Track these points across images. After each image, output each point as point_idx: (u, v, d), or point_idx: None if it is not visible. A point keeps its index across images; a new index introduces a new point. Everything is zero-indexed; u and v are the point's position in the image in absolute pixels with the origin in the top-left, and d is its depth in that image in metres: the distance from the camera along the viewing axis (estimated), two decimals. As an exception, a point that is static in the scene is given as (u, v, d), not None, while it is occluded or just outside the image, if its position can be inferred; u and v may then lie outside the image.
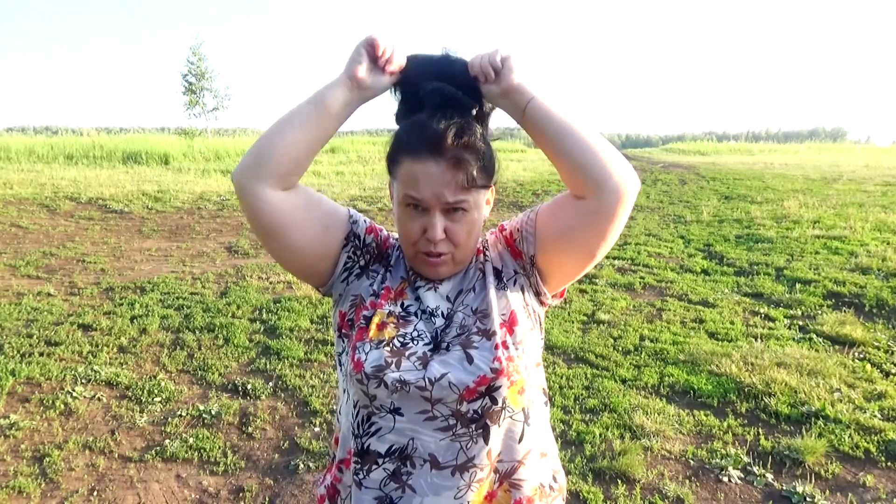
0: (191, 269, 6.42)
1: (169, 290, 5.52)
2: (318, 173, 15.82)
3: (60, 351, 3.98)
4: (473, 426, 0.96)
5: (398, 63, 0.97)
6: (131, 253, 7.27)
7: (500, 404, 0.97)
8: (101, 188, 11.46)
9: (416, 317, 1.03)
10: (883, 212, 9.39)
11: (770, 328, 4.53)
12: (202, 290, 5.52)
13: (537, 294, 1.07)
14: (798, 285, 5.53)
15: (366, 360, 0.97)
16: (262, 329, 4.48)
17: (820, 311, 4.86)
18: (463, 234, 0.99)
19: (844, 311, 4.84)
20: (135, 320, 4.63)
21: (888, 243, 7.11)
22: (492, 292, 1.03)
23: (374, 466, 0.99)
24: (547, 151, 0.96)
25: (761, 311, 4.92)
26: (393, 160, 1.01)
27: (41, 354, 3.93)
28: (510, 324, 1.01)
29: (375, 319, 1.01)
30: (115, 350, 4.07)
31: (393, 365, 0.95)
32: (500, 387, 0.96)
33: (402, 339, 0.99)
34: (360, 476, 1.00)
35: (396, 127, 1.03)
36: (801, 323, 4.65)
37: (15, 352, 3.96)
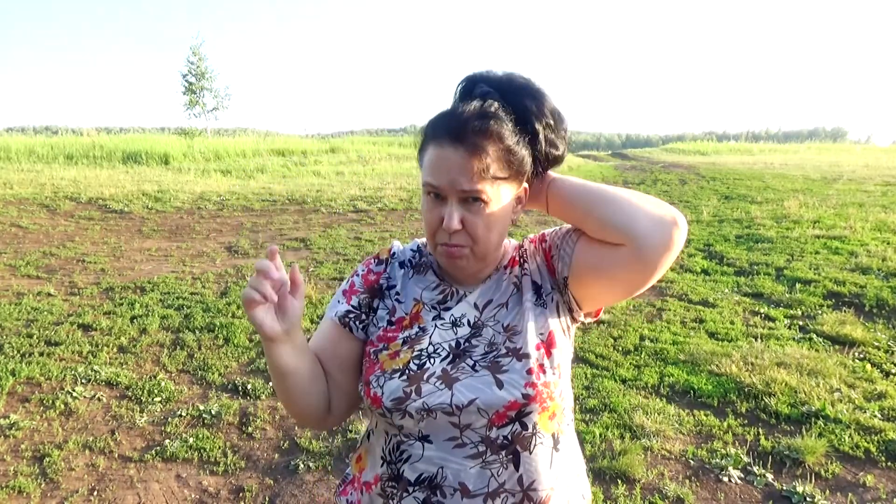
0: (191, 269, 6.42)
1: (169, 290, 5.52)
2: (318, 173, 15.82)
3: (60, 351, 3.98)
4: (503, 452, 0.93)
5: (281, 278, 0.91)
6: (131, 253, 7.27)
7: (530, 430, 0.93)
8: (101, 188, 11.46)
9: (432, 327, 0.99)
10: (883, 212, 9.39)
11: (770, 328, 4.53)
12: (202, 290, 5.52)
13: (570, 311, 1.02)
14: (798, 285, 5.53)
15: (382, 393, 0.94)
16: (262, 329, 4.47)
17: (820, 311, 4.86)
18: (481, 228, 0.94)
19: (844, 311, 4.84)
20: (135, 320, 4.63)
21: (888, 243, 7.10)
22: (529, 310, 0.99)
23: (405, 494, 0.96)
24: (574, 223, 0.98)
25: (761, 311, 4.92)
26: (421, 151, 0.99)
27: (41, 354, 3.93)
28: (548, 345, 0.96)
29: (387, 351, 0.98)
30: (115, 350, 4.07)
31: (413, 393, 0.92)
32: (530, 412, 0.92)
33: (417, 361, 0.95)
34: (394, 502, 0.97)
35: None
36: (801, 323, 4.65)
37: (15, 352, 3.96)
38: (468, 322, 0.99)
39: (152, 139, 20.60)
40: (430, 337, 0.98)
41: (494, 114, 0.93)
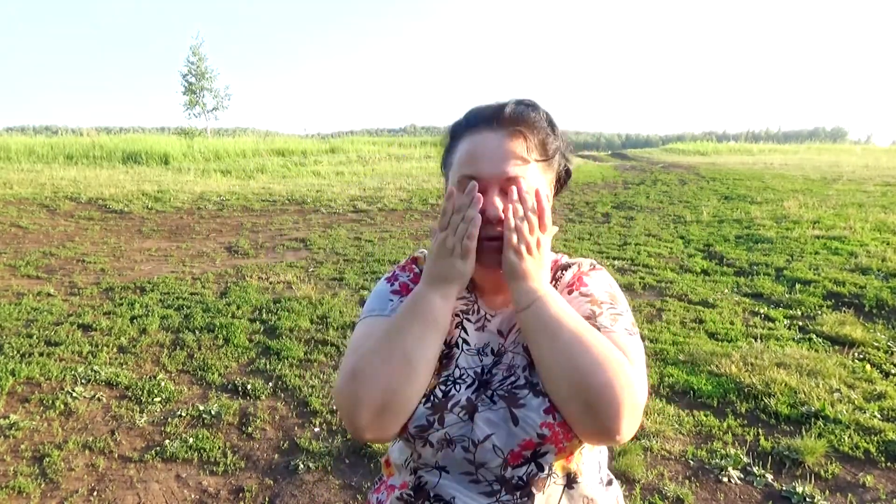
0: (191, 269, 6.42)
1: (169, 290, 5.52)
2: (318, 173, 15.83)
3: (60, 351, 3.98)
4: (518, 493, 0.90)
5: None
6: (131, 253, 7.28)
7: (546, 471, 0.90)
8: (101, 188, 11.46)
9: (458, 348, 0.96)
10: (883, 212, 9.39)
11: (770, 328, 4.53)
12: (202, 290, 5.52)
13: None
14: (798, 285, 5.53)
15: (409, 419, 0.91)
16: (262, 329, 4.48)
17: (820, 312, 4.86)
18: None
19: (844, 312, 4.84)
20: (135, 320, 4.63)
21: (888, 243, 7.10)
22: None
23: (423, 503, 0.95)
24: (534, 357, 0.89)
25: (761, 311, 4.92)
26: (449, 151, 0.98)
27: (41, 354, 3.93)
28: None
29: None
30: (115, 350, 4.07)
31: (436, 422, 0.90)
32: (546, 452, 0.89)
33: (443, 388, 0.92)
34: None
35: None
36: (800, 323, 4.64)
37: (15, 352, 3.96)
38: (492, 350, 0.97)
39: (152, 139, 20.61)
40: (457, 360, 0.95)
41: (532, 104, 0.95)
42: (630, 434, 0.83)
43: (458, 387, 0.92)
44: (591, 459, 0.98)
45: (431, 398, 0.91)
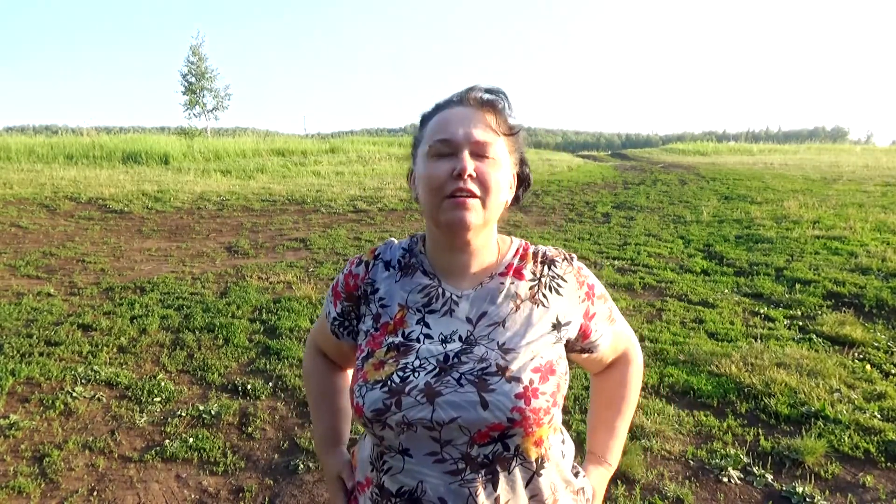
0: (191, 269, 6.42)
1: (169, 290, 5.52)
2: (318, 173, 15.82)
3: (60, 351, 3.98)
4: (483, 472, 0.91)
5: None
6: (131, 253, 7.28)
7: (512, 451, 0.92)
8: (101, 188, 11.46)
9: (419, 342, 0.95)
10: (883, 212, 9.39)
11: (770, 328, 4.53)
12: (202, 290, 5.52)
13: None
14: (798, 285, 5.53)
15: (364, 403, 0.92)
16: (262, 329, 4.48)
17: (820, 312, 4.86)
18: (491, 179, 0.93)
19: (844, 312, 4.84)
20: (135, 320, 4.63)
21: (888, 243, 7.11)
22: (538, 335, 0.96)
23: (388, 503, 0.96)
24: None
25: (761, 311, 4.92)
26: (420, 131, 1.01)
27: (41, 354, 3.93)
28: (547, 371, 0.93)
29: (372, 360, 0.96)
30: (115, 350, 4.07)
31: (393, 405, 0.90)
32: (514, 435, 0.90)
33: (401, 374, 0.92)
34: None
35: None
36: (800, 323, 4.65)
37: (15, 352, 3.96)
38: (459, 338, 0.96)
39: (152, 139, 20.55)
40: (418, 352, 0.94)
41: (499, 90, 1.00)
42: None
43: (416, 374, 0.92)
44: (555, 447, 1.00)
45: (388, 383, 0.91)
